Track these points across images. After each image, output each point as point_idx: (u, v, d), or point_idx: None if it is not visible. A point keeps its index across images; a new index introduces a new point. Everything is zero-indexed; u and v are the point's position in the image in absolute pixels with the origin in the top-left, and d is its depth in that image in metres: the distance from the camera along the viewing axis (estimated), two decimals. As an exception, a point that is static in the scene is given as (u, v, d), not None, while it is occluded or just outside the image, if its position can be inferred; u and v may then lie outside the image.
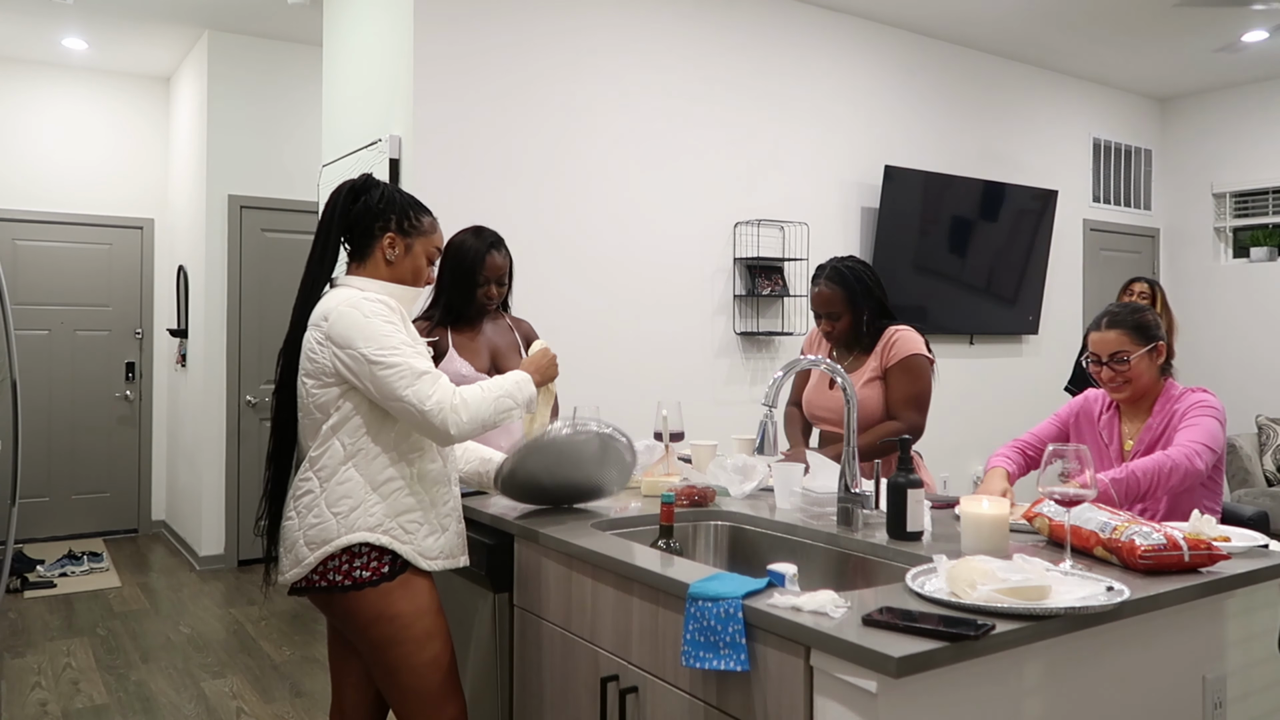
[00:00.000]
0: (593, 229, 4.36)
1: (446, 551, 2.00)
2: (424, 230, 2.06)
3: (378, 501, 1.91)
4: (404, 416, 1.88)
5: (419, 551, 1.93)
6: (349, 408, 1.91)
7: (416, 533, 1.94)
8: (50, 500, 6.36)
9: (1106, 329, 2.41)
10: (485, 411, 1.93)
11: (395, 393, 1.84)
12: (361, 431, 1.92)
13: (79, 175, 6.41)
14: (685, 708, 1.56)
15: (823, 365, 2.17)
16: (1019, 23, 5.48)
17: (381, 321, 1.88)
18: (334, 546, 1.88)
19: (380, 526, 1.90)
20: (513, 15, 4.14)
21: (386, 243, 2.00)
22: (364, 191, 2.03)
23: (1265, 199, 6.66)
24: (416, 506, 1.95)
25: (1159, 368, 2.42)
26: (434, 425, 1.86)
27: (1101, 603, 1.38)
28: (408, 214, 2.04)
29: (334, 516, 1.89)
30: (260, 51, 5.75)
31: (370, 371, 1.85)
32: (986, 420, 5.92)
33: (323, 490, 1.91)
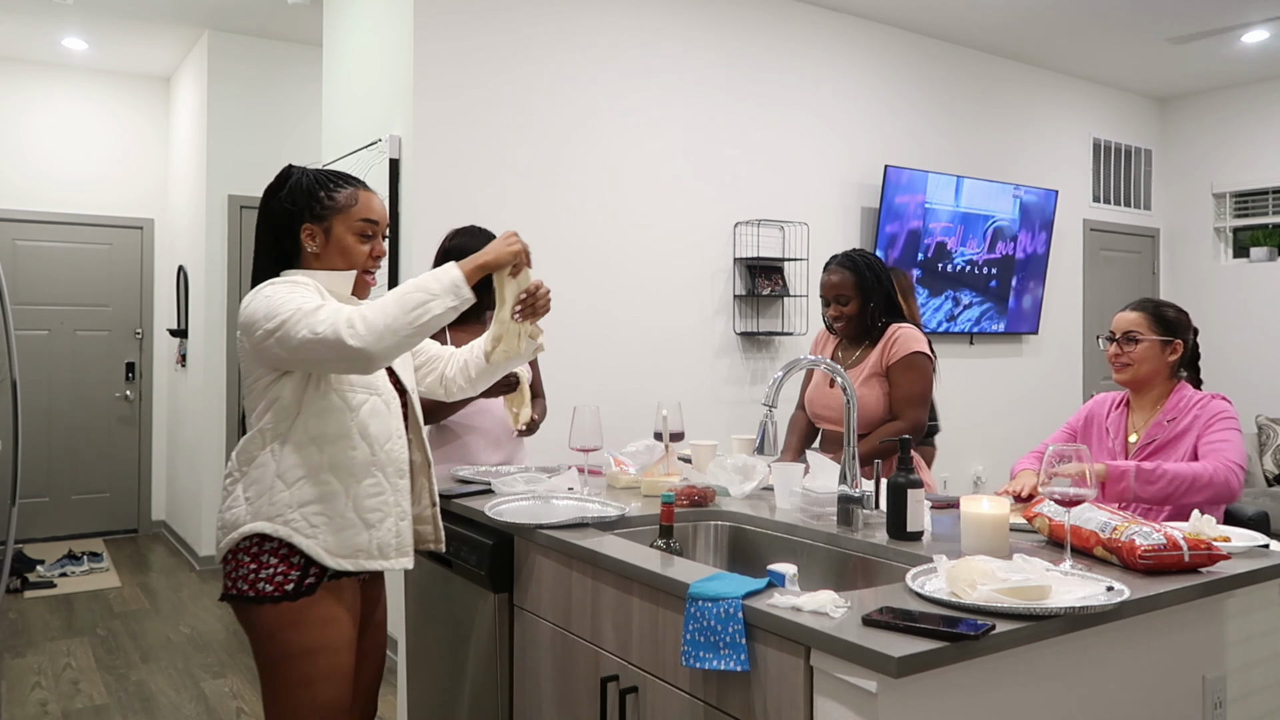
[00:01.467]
0: (593, 228, 4.36)
1: (375, 550, 1.85)
2: (339, 206, 1.87)
3: (282, 490, 1.79)
4: (316, 362, 1.72)
5: (325, 548, 1.79)
6: (271, 395, 1.81)
7: (321, 527, 1.80)
8: (50, 500, 6.36)
9: (1131, 310, 2.46)
10: (387, 313, 1.70)
11: (296, 341, 1.69)
12: (279, 417, 1.81)
13: (79, 175, 6.41)
14: (685, 708, 1.56)
15: (823, 365, 2.17)
16: (1019, 23, 5.49)
17: (279, 291, 1.75)
18: (238, 534, 1.79)
19: (280, 517, 1.78)
20: (512, 15, 4.14)
21: (305, 236, 1.86)
22: (277, 190, 1.89)
23: (1265, 199, 6.66)
24: (321, 498, 1.80)
25: (1170, 365, 2.42)
26: (335, 349, 1.67)
27: (1101, 603, 1.38)
28: (317, 197, 1.86)
29: (245, 502, 1.80)
30: (260, 51, 5.75)
31: (272, 341, 1.72)
32: (986, 420, 5.92)
33: (241, 475, 1.83)
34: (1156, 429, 2.40)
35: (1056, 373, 6.45)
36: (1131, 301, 2.51)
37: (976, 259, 5.79)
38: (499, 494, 2.32)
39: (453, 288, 1.77)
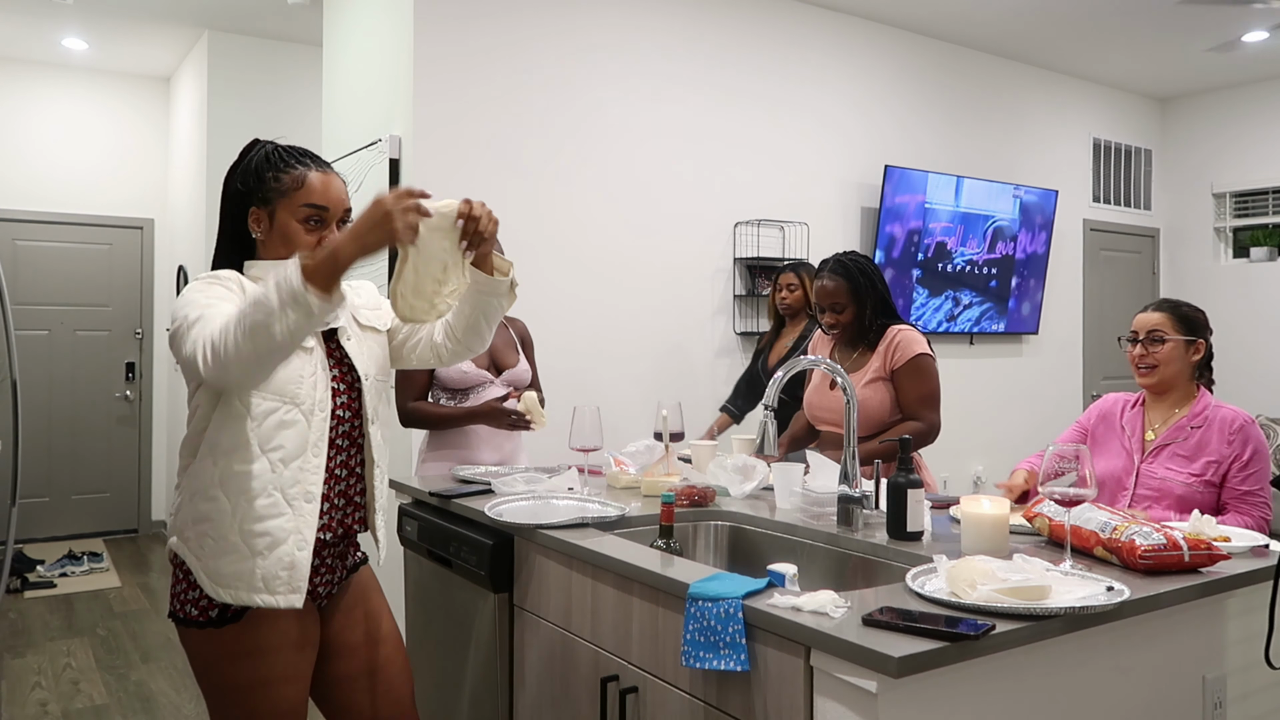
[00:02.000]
0: (593, 229, 4.36)
1: (260, 583, 1.61)
2: (284, 189, 1.68)
3: (183, 503, 1.66)
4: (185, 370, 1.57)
5: (208, 574, 1.61)
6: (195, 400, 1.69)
7: (206, 549, 1.62)
8: (50, 500, 6.36)
9: (1154, 310, 2.46)
10: (229, 339, 1.46)
11: (178, 359, 1.56)
12: (195, 424, 1.68)
13: (79, 175, 6.41)
14: (685, 708, 1.56)
15: (823, 365, 2.17)
16: (1019, 23, 5.48)
17: (188, 293, 1.59)
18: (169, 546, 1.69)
19: (181, 533, 1.65)
20: (513, 15, 4.14)
21: (252, 221, 1.71)
22: (234, 169, 1.73)
23: (1265, 199, 6.66)
24: (208, 516, 1.62)
25: (1193, 366, 2.42)
26: (198, 376, 1.51)
27: (1101, 603, 1.38)
28: (263, 178, 1.69)
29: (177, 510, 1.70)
30: (260, 51, 5.75)
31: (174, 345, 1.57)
32: (986, 420, 5.92)
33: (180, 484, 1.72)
34: (1177, 431, 2.38)
35: (1056, 373, 6.44)
36: (1152, 302, 2.51)
37: (976, 259, 5.79)
38: (499, 494, 2.32)
39: (291, 298, 1.42)
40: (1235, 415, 2.35)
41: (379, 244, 1.52)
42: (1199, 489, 2.32)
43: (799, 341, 3.77)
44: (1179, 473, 2.35)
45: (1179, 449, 2.37)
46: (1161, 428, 2.43)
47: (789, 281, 3.86)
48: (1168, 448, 2.39)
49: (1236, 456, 2.31)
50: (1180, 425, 2.39)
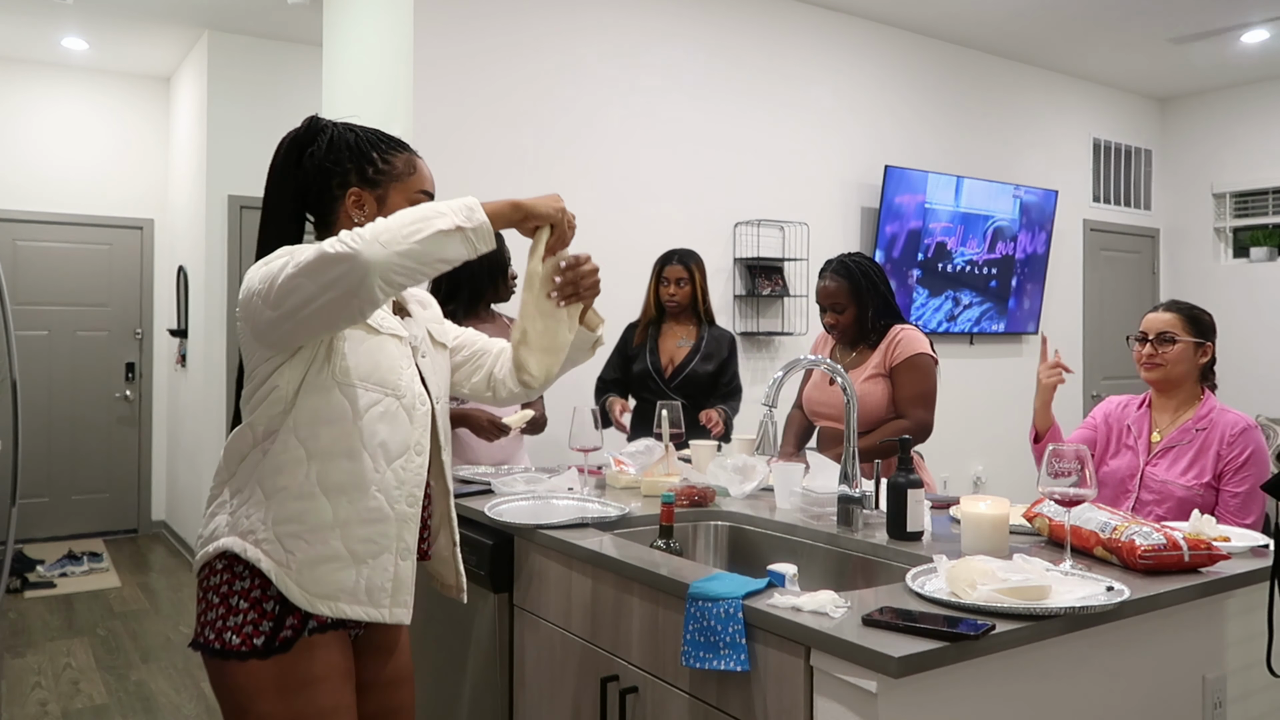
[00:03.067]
0: (592, 228, 4.35)
1: (362, 594, 1.47)
2: (397, 172, 1.57)
3: (260, 500, 1.46)
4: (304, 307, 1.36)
5: (298, 581, 1.44)
6: (269, 384, 1.48)
7: (300, 553, 1.44)
8: (50, 500, 6.36)
9: (1164, 310, 2.46)
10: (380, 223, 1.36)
11: (280, 290, 1.36)
12: (271, 410, 1.48)
13: (79, 175, 6.41)
14: (685, 708, 1.56)
15: (823, 365, 2.18)
16: (1019, 23, 5.48)
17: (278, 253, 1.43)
18: (213, 548, 1.48)
19: (252, 534, 1.45)
20: (513, 16, 4.14)
21: (352, 203, 1.54)
22: (308, 142, 1.57)
23: (1265, 199, 6.66)
24: (301, 517, 1.45)
25: (1200, 368, 2.42)
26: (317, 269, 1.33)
27: (1101, 603, 1.38)
28: (369, 157, 1.56)
29: (228, 510, 1.49)
30: (260, 51, 5.75)
31: (260, 300, 1.39)
32: (986, 420, 5.92)
33: (230, 475, 1.52)
34: (1183, 433, 2.39)
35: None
36: (1163, 303, 2.51)
37: (976, 259, 5.79)
38: (499, 494, 2.32)
39: (464, 209, 1.42)
40: (1238, 419, 2.36)
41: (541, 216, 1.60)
42: (1199, 492, 2.32)
43: (699, 343, 3.41)
44: (1180, 476, 2.35)
45: (1182, 452, 2.37)
46: (1168, 429, 2.43)
47: (677, 275, 3.44)
48: (1172, 450, 2.39)
49: (1234, 458, 2.31)
50: (1185, 428, 2.39)
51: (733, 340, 3.53)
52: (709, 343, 3.43)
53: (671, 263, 3.47)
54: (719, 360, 3.42)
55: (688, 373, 3.37)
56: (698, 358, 3.41)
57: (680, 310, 3.45)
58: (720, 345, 3.45)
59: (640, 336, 3.51)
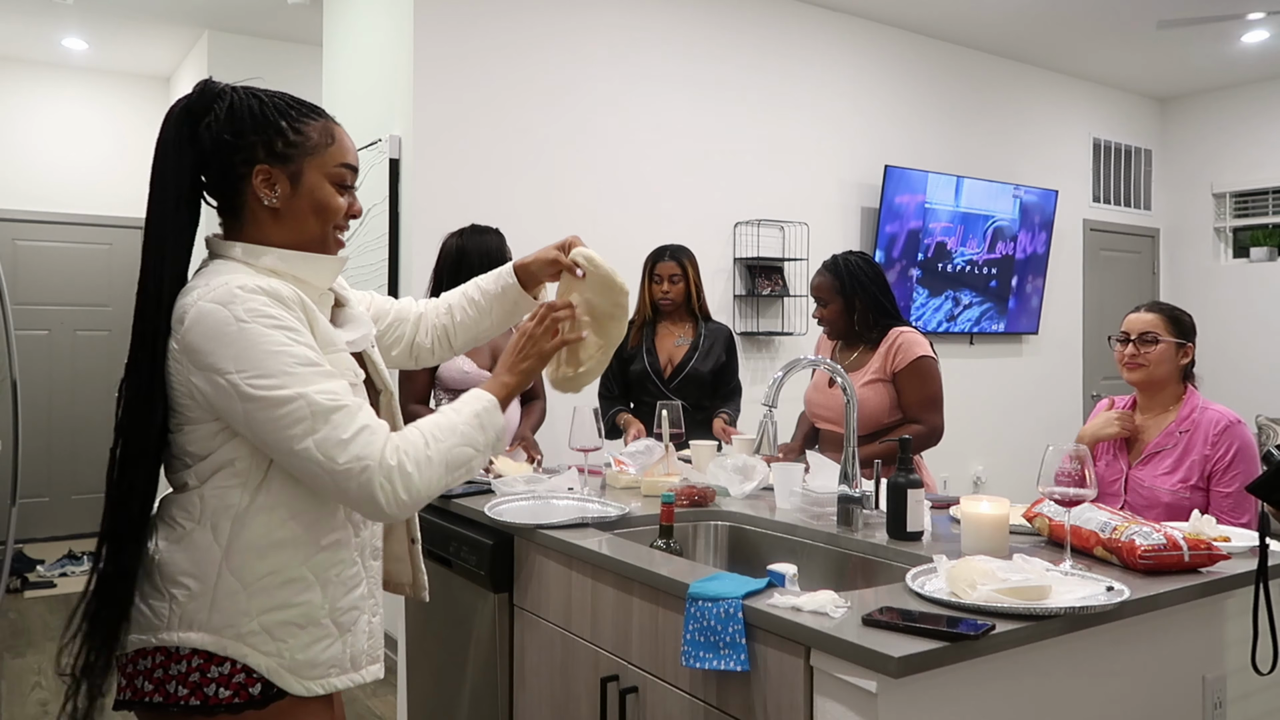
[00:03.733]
0: (593, 228, 4.36)
1: (346, 661, 1.35)
2: (312, 144, 1.35)
3: (234, 591, 1.26)
4: (307, 478, 1.25)
5: (292, 669, 1.29)
6: (224, 453, 1.28)
7: (292, 640, 1.29)
8: (50, 500, 6.36)
9: (1146, 311, 2.46)
10: (433, 474, 1.29)
11: (289, 445, 1.22)
12: (235, 484, 1.28)
13: (79, 175, 6.41)
14: (685, 708, 1.56)
15: (822, 365, 2.18)
16: (1019, 23, 5.48)
17: (263, 329, 1.22)
18: (158, 640, 1.26)
19: (231, 629, 1.26)
20: (513, 15, 4.14)
21: (260, 182, 1.33)
22: (203, 111, 1.32)
23: (1265, 199, 6.66)
24: (295, 601, 1.30)
25: (1182, 368, 2.42)
26: (354, 494, 1.24)
27: (1101, 603, 1.38)
28: (278, 127, 1.33)
29: (168, 599, 1.27)
30: (260, 51, 5.75)
31: (243, 411, 1.22)
32: (986, 420, 5.92)
33: (160, 554, 1.29)
34: (1167, 438, 2.38)
35: (1056, 373, 6.44)
36: (1143, 303, 2.51)
37: (976, 259, 5.79)
38: (499, 494, 2.32)
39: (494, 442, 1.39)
40: (1221, 416, 2.34)
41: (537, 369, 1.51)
42: (1185, 495, 2.31)
43: (698, 340, 3.34)
44: (1166, 480, 2.35)
45: (1168, 455, 2.37)
46: (1153, 432, 2.42)
47: (671, 271, 3.36)
48: (1157, 455, 2.39)
49: (1220, 458, 2.30)
50: (1169, 431, 2.39)
51: (730, 335, 3.45)
52: (707, 339, 3.36)
53: (663, 259, 3.38)
54: (717, 359, 3.35)
55: (687, 372, 3.30)
56: (696, 356, 3.33)
57: (675, 308, 3.37)
58: (718, 342, 3.37)
59: (636, 338, 3.39)
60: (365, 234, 4.20)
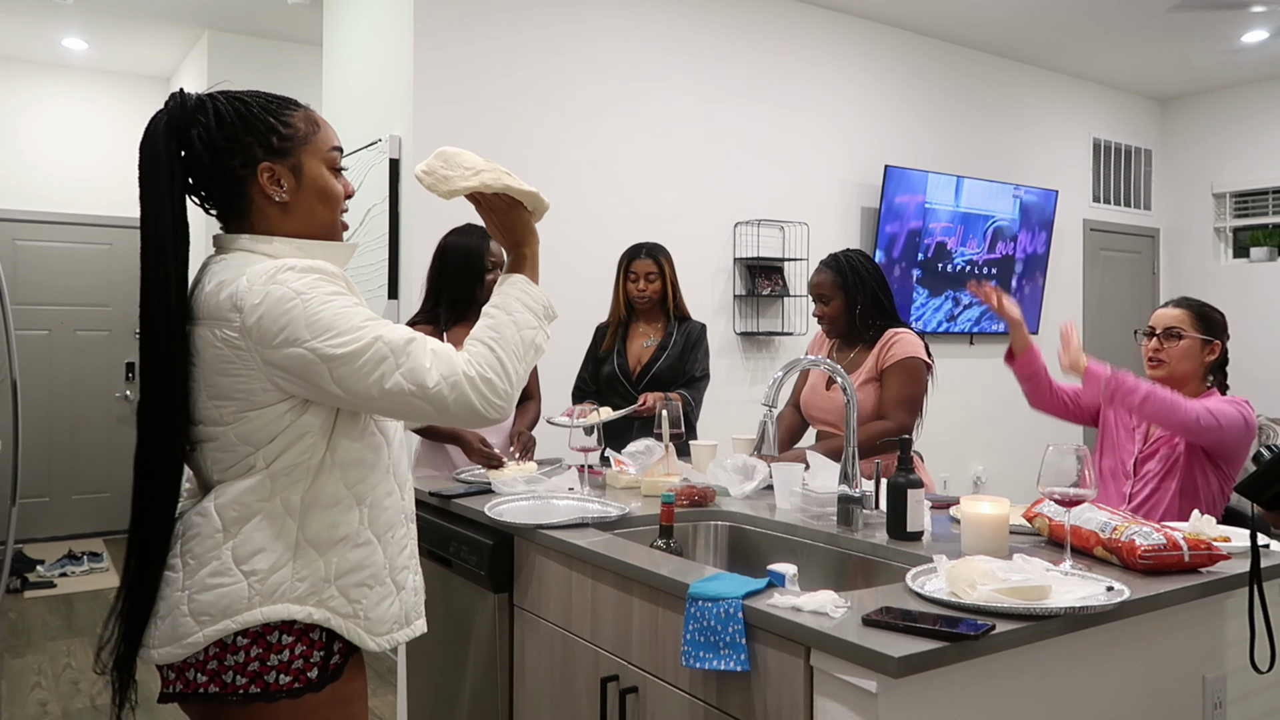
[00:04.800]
0: (593, 229, 4.36)
1: (403, 617, 1.44)
2: (303, 134, 1.40)
3: (312, 559, 1.33)
4: (406, 410, 1.31)
5: (366, 628, 1.37)
6: (292, 432, 1.33)
7: (365, 599, 1.38)
8: (50, 500, 6.36)
9: (1174, 306, 2.46)
10: (513, 357, 1.37)
11: (380, 386, 1.28)
12: (304, 460, 1.34)
13: (79, 175, 6.41)
14: (685, 708, 1.56)
15: (822, 365, 2.17)
16: (1019, 23, 5.48)
17: (324, 295, 1.29)
18: (241, 623, 1.29)
19: (314, 596, 1.33)
20: (513, 16, 4.14)
21: (266, 179, 1.37)
22: (189, 124, 1.34)
23: (1265, 199, 6.66)
24: (367, 562, 1.38)
25: (1206, 366, 2.41)
26: (454, 409, 1.31)
27: (1101, 603, 1.38)
28: (269, 125, 1.38)
29: (244, 578, 1.30)
30: (260, 51, 5.75)
31: (329, 371, 1.27)
32: (986, 420, 5.92)
33: (228, 537, 1.31)
34: None
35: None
36: (1173, 299, 2.50)
37: (976, 259, 5.79)
38: (499, 494, 2.32)
39: (545, 312, 1.47)
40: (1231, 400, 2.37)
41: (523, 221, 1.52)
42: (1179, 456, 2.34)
43: (666, 341, 3.28)
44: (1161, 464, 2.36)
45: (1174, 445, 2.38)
46: None
47: (647, 269, 3.29)
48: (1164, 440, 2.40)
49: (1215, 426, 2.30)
50: None
51: (701, 331, 3.33)
52: (677, 339, 3.27)
53: (639, 257, 3.30)
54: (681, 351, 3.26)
55: (654, 373, 3.23)
56: (664, 357, 3.25)
57: (651, 306, 3.30)
58: (687, 339, 3.28)
59: (611, 339, 3.34)
60: (365, 234, 4.20)
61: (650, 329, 3.33)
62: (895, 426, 2.64)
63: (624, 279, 3.33)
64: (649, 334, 3.33)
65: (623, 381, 3.25)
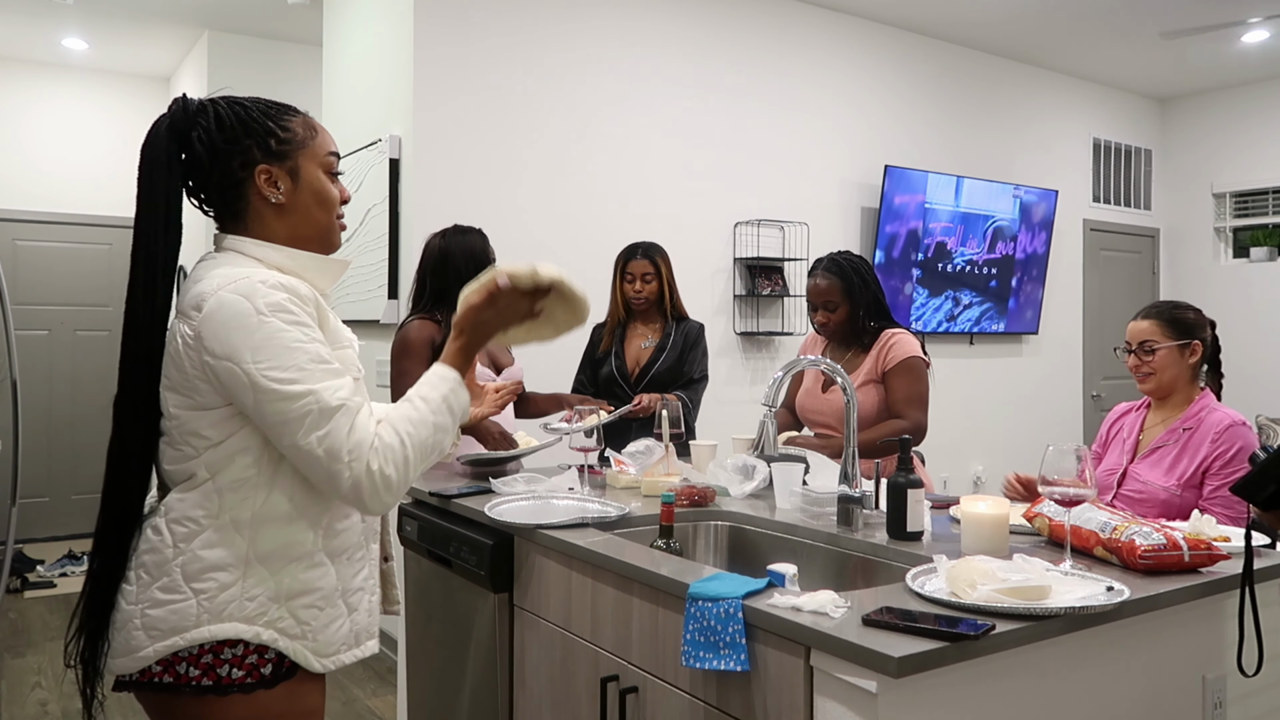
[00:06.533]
0: (593, 229, 4.36)
1: (352, 639, 1.43)
2: (300, 138, 1.42)
3: (263, 578, 1.33)
4: (303, 468, 1.31)
5: (314, 649, 1.36)
6: (237, 441, 1.33)
7: (315, 620, 1.36)
8: (50, 500, 6.36)
9: (1142, 319, 2.43)
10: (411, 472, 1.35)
11: (292, 437, 1.28)
12: (251, 475, 1.33)
13: (79, 175, 6.41)
14: (685, 708, 1.56)
15: (823, 365, 2.17)
16: (1019, 23, 5.48)
17: (282, 323, 1.29)
18: (189, 640, 1.30)
19: (263, 616, 1.32)
20: (513, 16, 4.14)
21: (263, 181, 1.38)
22: (191, 127, 1.37)
23: (1265, 199, 6.66)
24: (317, 584, 1.37)
25: (1192, 368, 2.39)
26: (344, 490, 1.30)
27: (1101, 603, 1.38)
28: (268, 128, 1.39)
29: (193, 595, 1.30)
30: (260, 51, 5.75)
31: (255, 401, 1.27)
32: (986, 420, 5.92)
33: (178, 554, 1.32)
34: (1170, 434, 2.37)
35: (1056, 373, 6.44)
36: (1143, 309, 2.47)
37: (976, 259, 5.79)
38: (499, 494, 2.32)
39: (462, 412, 1.44)
40: (1225, 417, 2.32)
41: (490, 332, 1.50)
42: (1179, 494, 2.30)
43: (664, 342, 3.27)
44: (1163, 478, 2.34)
45: (1167, 453, 2.35)
46: (1158, 430, 2.42)
47: (643, 270, 3.26)
48: (1158, 450, 2.38)
49: (1220, 455, 2.28)
50: (1174, 429, 2.37)
51: (699, 331, 3.32)
52: (675, 340, 3.25)
53: (635, 257, 3.27)
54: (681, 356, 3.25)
55: (652, 375, 3.21)
56: (662, 358, 3.23)
57: (648, 307, 3.28)
58: (685, 340, 3.27)
59: (608, 340, 3.32)
60: (365, 234, 4.20)
61: (648, 329, 3.32)
62: (912, 425, 2.65)
63: (620, 280, 3.31)
64: (647, 335, 3.31)
65: (621, 383, 3.24)
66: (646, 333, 3.31)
